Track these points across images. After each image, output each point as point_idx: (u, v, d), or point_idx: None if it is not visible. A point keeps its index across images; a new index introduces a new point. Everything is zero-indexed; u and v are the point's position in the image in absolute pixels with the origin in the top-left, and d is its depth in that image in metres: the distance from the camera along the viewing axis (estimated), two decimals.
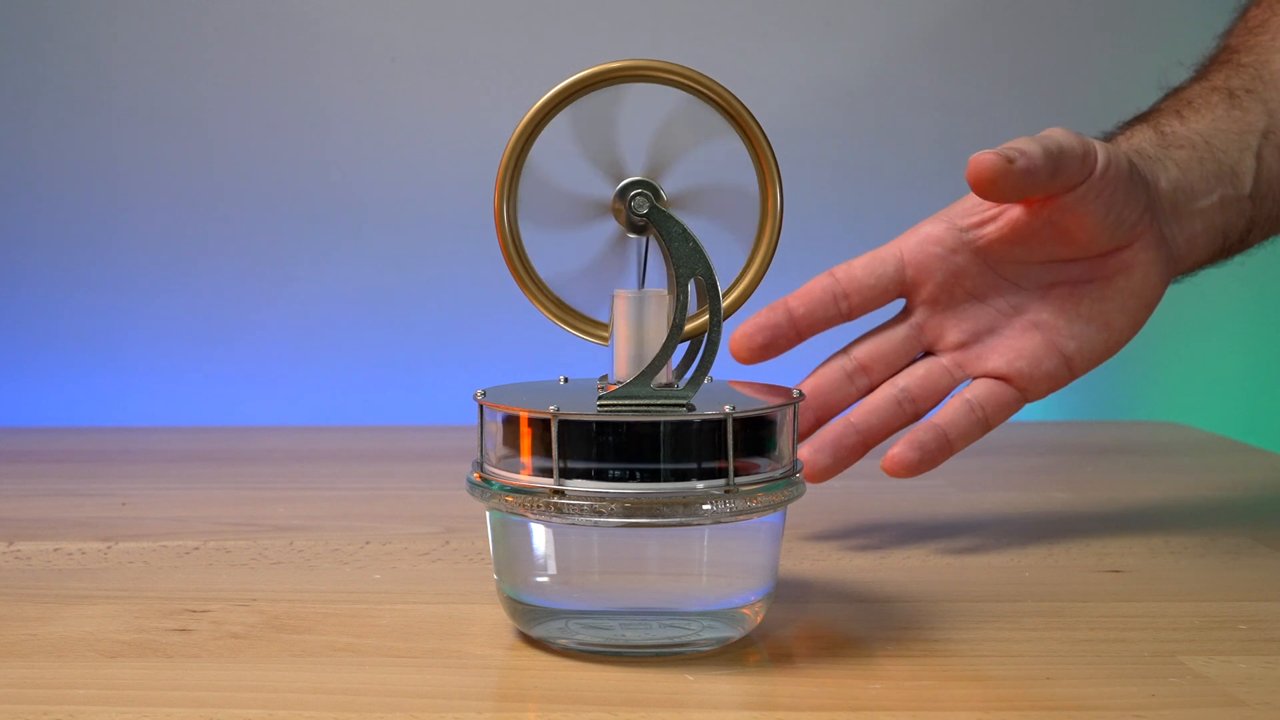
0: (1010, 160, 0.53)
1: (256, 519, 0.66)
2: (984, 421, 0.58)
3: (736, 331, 0.57)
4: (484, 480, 0.45)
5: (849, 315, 0.59)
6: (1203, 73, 0.65)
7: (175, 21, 0.97)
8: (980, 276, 0.59)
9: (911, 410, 0.58)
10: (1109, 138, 0.61)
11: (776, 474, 0.45)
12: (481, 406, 0.45)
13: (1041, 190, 0.55)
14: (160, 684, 0.42)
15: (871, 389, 0.59)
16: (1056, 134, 0.55)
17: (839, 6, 0.99)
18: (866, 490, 0.71)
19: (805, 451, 0.57)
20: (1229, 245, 0.61)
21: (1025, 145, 0.54)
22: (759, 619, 0.46)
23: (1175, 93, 0.64)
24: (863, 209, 1.01)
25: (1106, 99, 1.00)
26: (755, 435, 0.44)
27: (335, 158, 0.98)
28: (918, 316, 0.59)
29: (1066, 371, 0.59)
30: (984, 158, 0.53)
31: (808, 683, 0.43)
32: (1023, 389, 0.58)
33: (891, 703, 0.41)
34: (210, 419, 0.98)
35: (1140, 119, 0.62)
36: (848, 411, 0.59)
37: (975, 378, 0.59)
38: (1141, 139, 0.60)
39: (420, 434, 0.93)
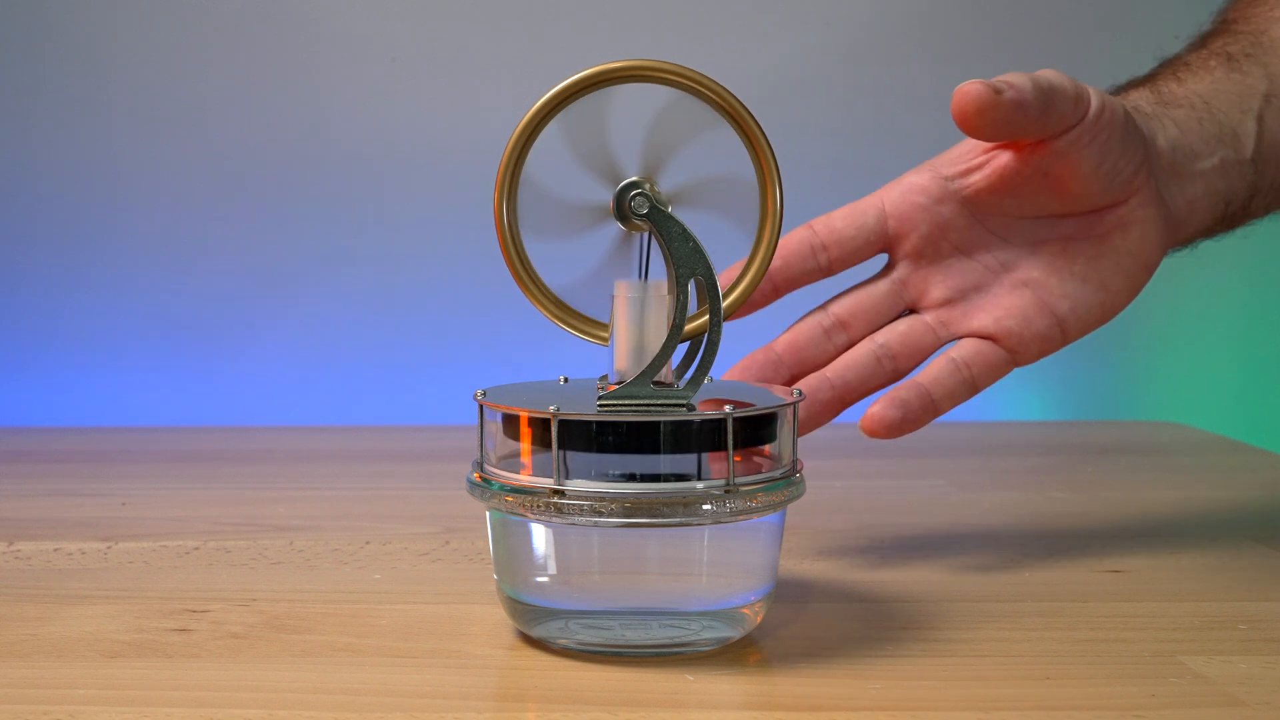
0: (998, 91, 0.51)
1: (256, 519, 0.66)
2: (970, 382, 0.55)
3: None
4: (484, 480, 0.45)
5: (828, 270, 0.56)
6: (1200, 40, 0.63)
7: (175, 21, 0.97)
8: (967, 230, 0.56)
9: (891, 368, 0.55)
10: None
11: (776, 474, 0.45)
12: (481, 406, 0.45)
13: (1032, 130, 0.53)
14: (160, 684, 0.42)
15: (850, 346, 0.56)
16: (1049, 74, 0.53)
17: (839, 6, 0.99)
18: (866, 490, 0.71)
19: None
20: (1231, 213, 0.59)
21: (1015, 78, 0.52)
22: (759, 619, 0.46)
23: (1172, 59, 0.62)
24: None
25: (1104, 73, 1.00)
26: (755, 435, 0.44)
27: (335, 158, 0.98)
28: (900, 271, 0.56)
29: (1059, 333, 0.56)
30: (970, 87, 0.51)
31: (808, 683, 0.43)
32: (1012, 350, 0.55)
33: (891, 703, 0.41)
34: (210, 419, 0.98)
35: (1136, 82, 0.60)
36: (828, 369, 0.55)
37: (961, 337, 0.56)
38: (1138, 98, 0.58)
39: (420, 434, 0.93)
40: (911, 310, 0.57)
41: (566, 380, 0.48)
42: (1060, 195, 0.55)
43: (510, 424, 0.44)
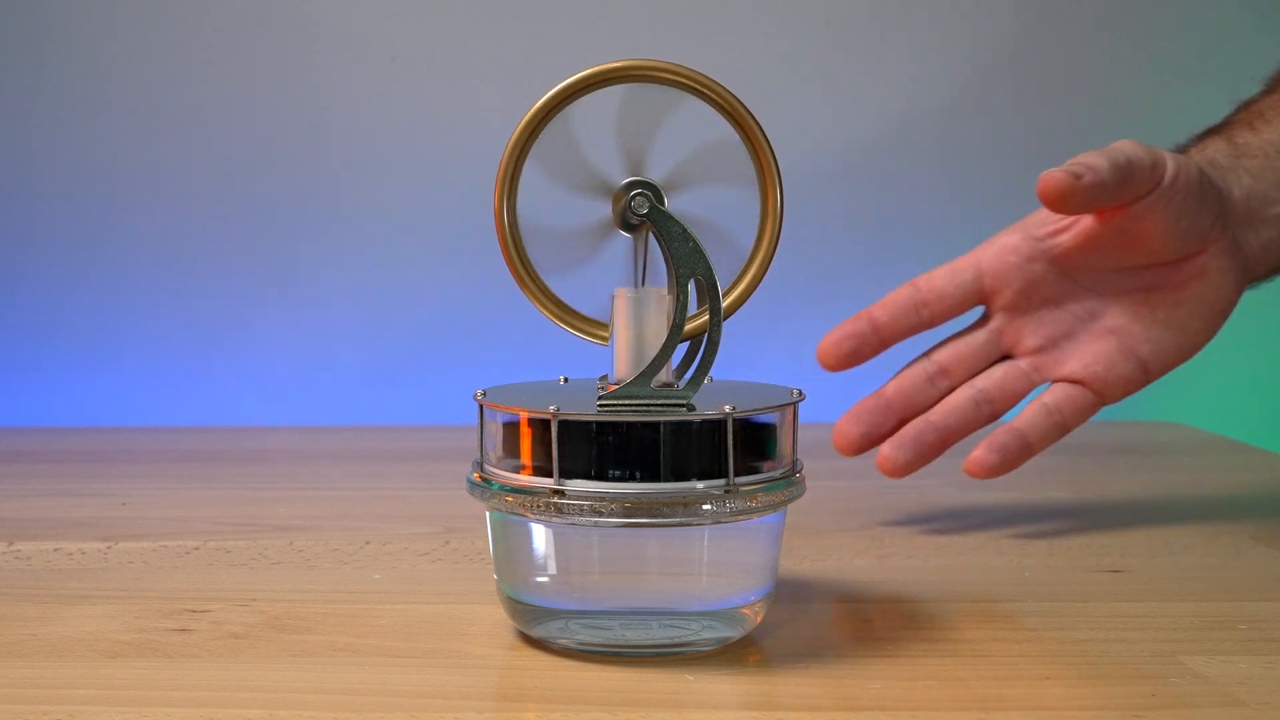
0: (1077, 176, 0.55)
1: (256, 519, 0.66)
2: (1061, 425, 0.60)
3: (823, 340, 0.60)
4: (484, 480, 0.45)
5: (930, 323, 0.61)
6: (1273, 85, 0.66)
7: (175, 21, 0.97)
8: (1056, 283, 0.60)
9: (989, 411, 0.60)
10: (1182, 149, 0.62)
11: (776, 474, 0.45)
12: (481, 406, 0.45)
13: (1111, 201, 0.56)
14: (160, 684, 0.42)
15: (951, 390, 0.61)
16: (1125, 146, 0.57)
17: (838, 6, 0.99)
18: (866, 490, 0.71)
19: (887, 448, 0.59)
20: None
21: (1092, 160, 0.56)
22: (759, 619, 0.46)
23: (1246, 105, 0.65)
24: (862, 208, 1.01)
25: (1110, 84, 1.00)
26: (755, 435, 0.44)
27: (335, 157, 0.98)
28: (996, 322, 0.61)
29: (1142, 374, 0.60)
30: (1053, 176, 0.55)
31: (808, 683, 0.43)
32: (1099, 392, 0.60)
33: (891, 703, 0.41)
34: (210, 419, 0.98)
35: (1213, 131, 0.64)
36: (933, 414, 0.60)
37: (1053, 381, 0.61)
38: (1214, 150, 0.61)
39: (420, 434, 0.93)
40: (1007, 356, 0.61)
41: (566, 380, 0.48)
42: (1141, 250, 0.59)
43: (510, 424, 0.44)
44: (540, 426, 0.43)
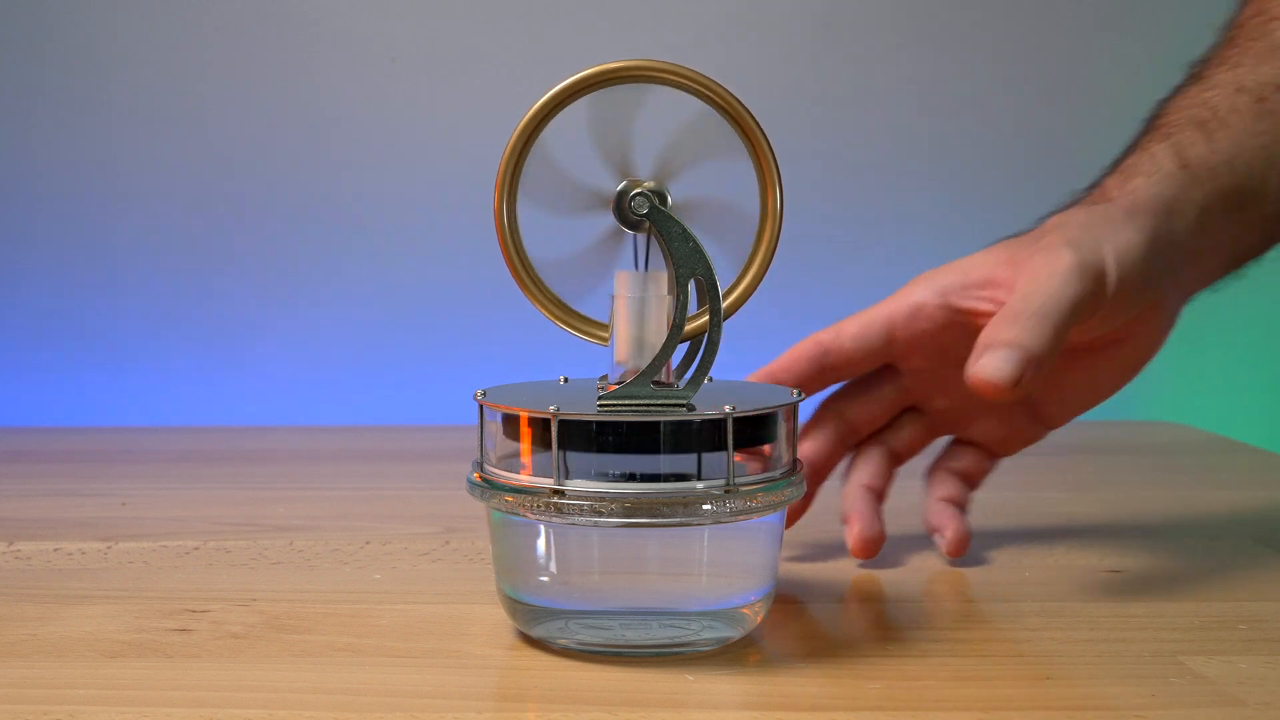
0: (1014, 382, 0.49)
1: (256, 519, 0.66)
2: (969, 483, 0.60)
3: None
4: (484, 480, 0.45)
5: (833, 382, 0.58)
6: (1227, 48, 0.59)
7: (175, 21, 0.97)
8: (969, 349, 0.53)
9: (896, 463, 0.59)
10: (1117, 164, 0.57)
11: (776, 474, 0.45)
12: (481, 406, 0.45)
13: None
14: (160, 684, 0.42)
15: (858, 444, 0.59)
16: (1060, 286, 0.50)
17: (838, 6, 0.99)
18: None
19: (858, 527, 0.56)
20: (1240, 263, 0.58)
21: (1026, 338, 0.49)
22: (759, 619, 0.46)
23: (1198, 83, 0.58)
24: (863, 208, 1.01)
25: (1110, 84, 1.00)
26: (755, 435, 0.44)
27: (335, 157, 0.98)
28: (906, 380, 0.58)
29: (1042, 431, 0.59)
30: (982, 375, 0.49)
31: (808, 683, 0.43)
32: (996, 453, 0.59)
33: (891, 703, 0.41)
34: (210, 419, 0.98)
35: (1158, 132, 0.57)
36: (862, 477, 0.58)
37: (953, 439, 0.60)
38: (1162, 179, 0.55)
39: (420, 434, 0.93)
40: (913, 408, 0.59)
41: (566, 380, 0.48)
42: (1078, 336, 0.54)
43: (510, 424, 0.44)
44: (540, 426, 0.43)
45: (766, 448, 0.45)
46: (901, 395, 0.58)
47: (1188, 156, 0.55)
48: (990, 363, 0.49)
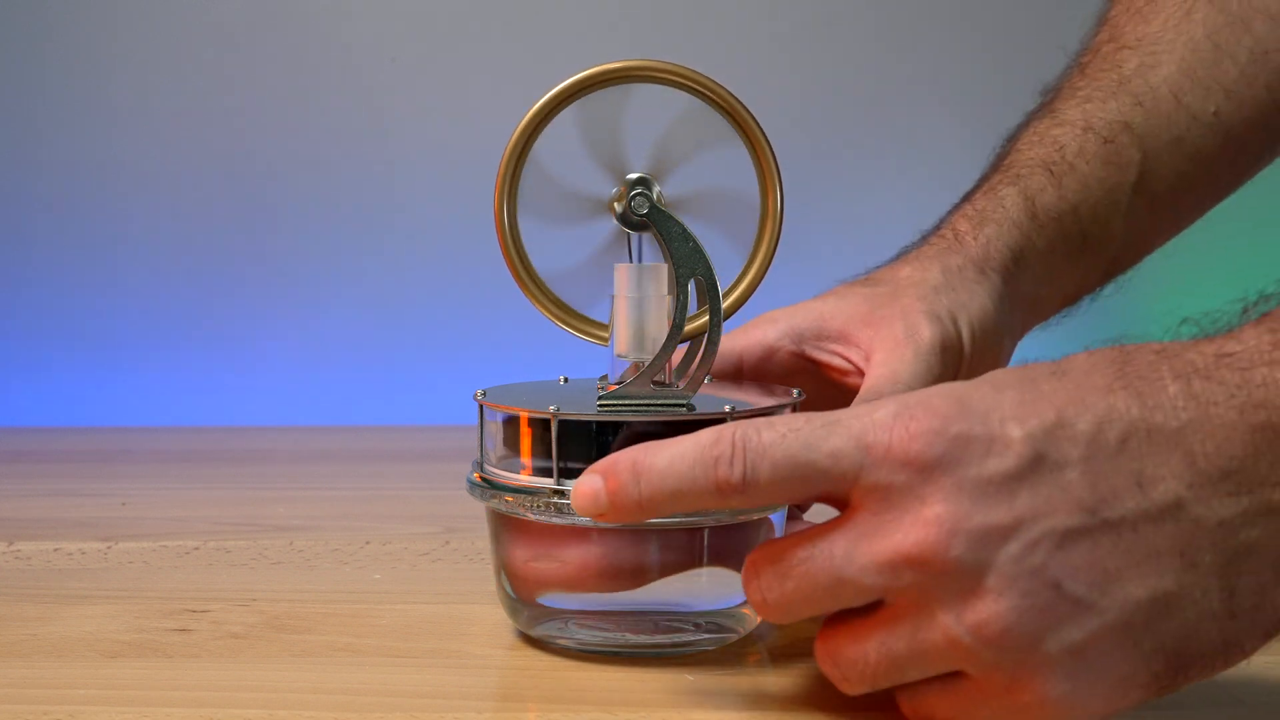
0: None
1: (256, 519, 0.66)
2: None
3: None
4: (484, 480, 0.45)
5: None
6: (1078, 77, 0.58)
7: (175, 22, 0.97)
8: (818, 394, 0.51)
9: None
10: (967, 199, 0.57)
11: None
12: (481, 406, 0.45)
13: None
14: (160, 684, 0.42)
15: None
16: (926, 375, 0.49)
17: (838, 6, 0.99)
18: None
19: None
20: (1076, 300, 0.58)
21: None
22: (759, 619, 0.46)
23: (1049, 117, 0.57)
24: (864, 208, 1.01)
25: None
26: None
27: (335, 158, 0.98)
28: None
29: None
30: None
31: (808, 683, 0.43)
32: None
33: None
34: (210, 419, 0.98)
35: (1008, 173, 0.56)
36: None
37: None
38: (1011, 228, 0.54)
39: (420, 434, 0.93)
40: None
41: (566, 380, 0.48)
42: None
43: (510, 424, 0.44)
44: (540, 426, 0.43)
45: None
46: None
47: (1036, 206, 0.55)
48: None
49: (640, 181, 0.45)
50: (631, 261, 0.46)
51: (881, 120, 1.01)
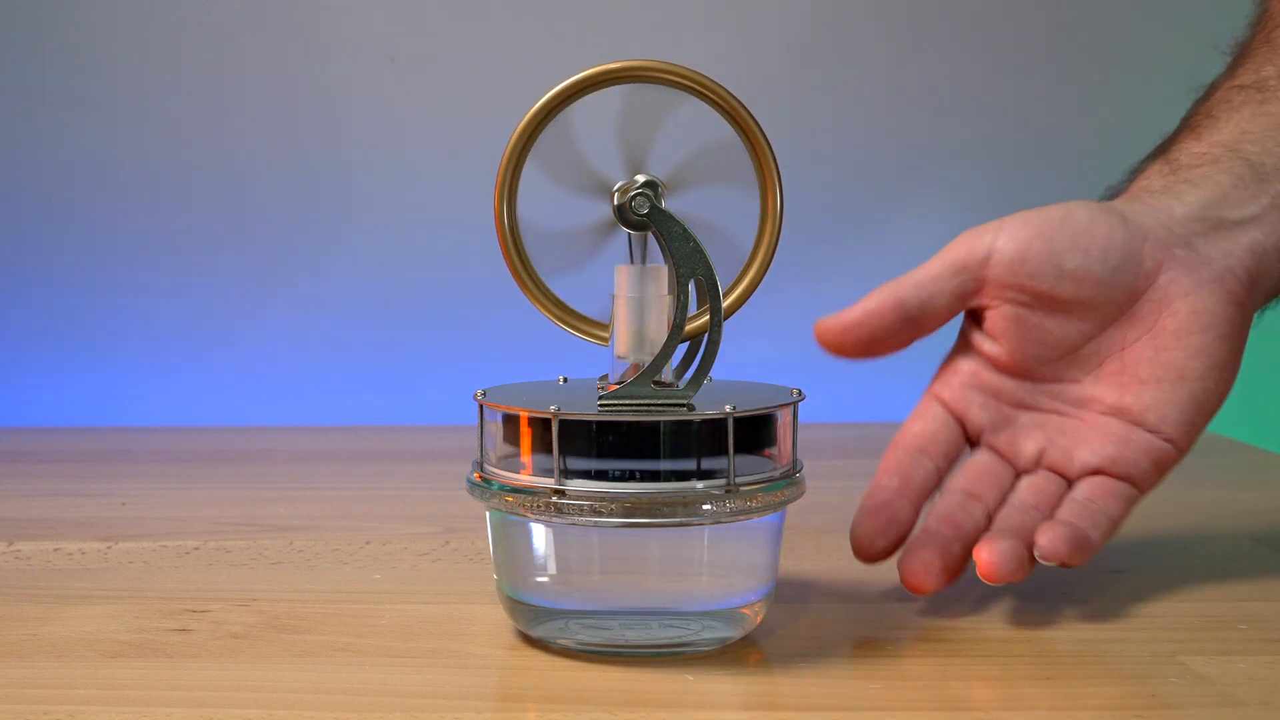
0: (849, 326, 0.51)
1: (256, 519, 0.66)
2: (1103, 512, 0.51)
3: (858, 531, 0.50)
4: (484, 480, 0.45)
5: (940, 474, 0.53)
6: (1231, 68, 0.57)
7: (176, 22, 0.97)
8: (1023, 391, 0.53)
9: (1037, 518, 0.51)
10: (1115, 193, 0.55)
11: (776, 474, 0.45)
12: (481, 406, 0.45)
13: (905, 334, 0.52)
14: (160, 684, 0.42)
15: (989, 515, 0.52)
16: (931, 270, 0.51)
17: (838, 6, 0.99)
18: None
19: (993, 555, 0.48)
20: None
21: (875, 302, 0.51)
22: (759, 619, 0.46)
23: (1194, 112, 0.57)
24: (864, 208, 1.01)
25: (1112, 84, 1.00)
26: (756, 435, 0.44)
27: (335, 158, 0.98)
28: (987, 448, 0.53)
29: (1164, 443, 0.52)
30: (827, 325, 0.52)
31: (808, 683, 0.43)
32: (1125, 477, 0.52)
33: (891, 703, 0.41)
34: (210, 419, 0.98)
35: (1154, 154, 0.56)
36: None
37: (1078, 479, 0.52)
38: (1148, 180, 0.54)
39: (420, 434, 0.93)
40: (1023, 472, 0.54)
41: (566, 380, 0.48)
42: (1076, 319, 0.52)
43: (510, 424, 0.44)
44: (540, 426, 0.43)
45: (767, 448, 0.45)
46: (996, 460, 0.53)
47: (1175, 159, 0.55)
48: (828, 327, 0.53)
49: (645, 184, 0.45)
50: (632, 261, 0.46)
51: (882, 119, 1.01)
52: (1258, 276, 0.52)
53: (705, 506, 0.42)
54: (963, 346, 0.54)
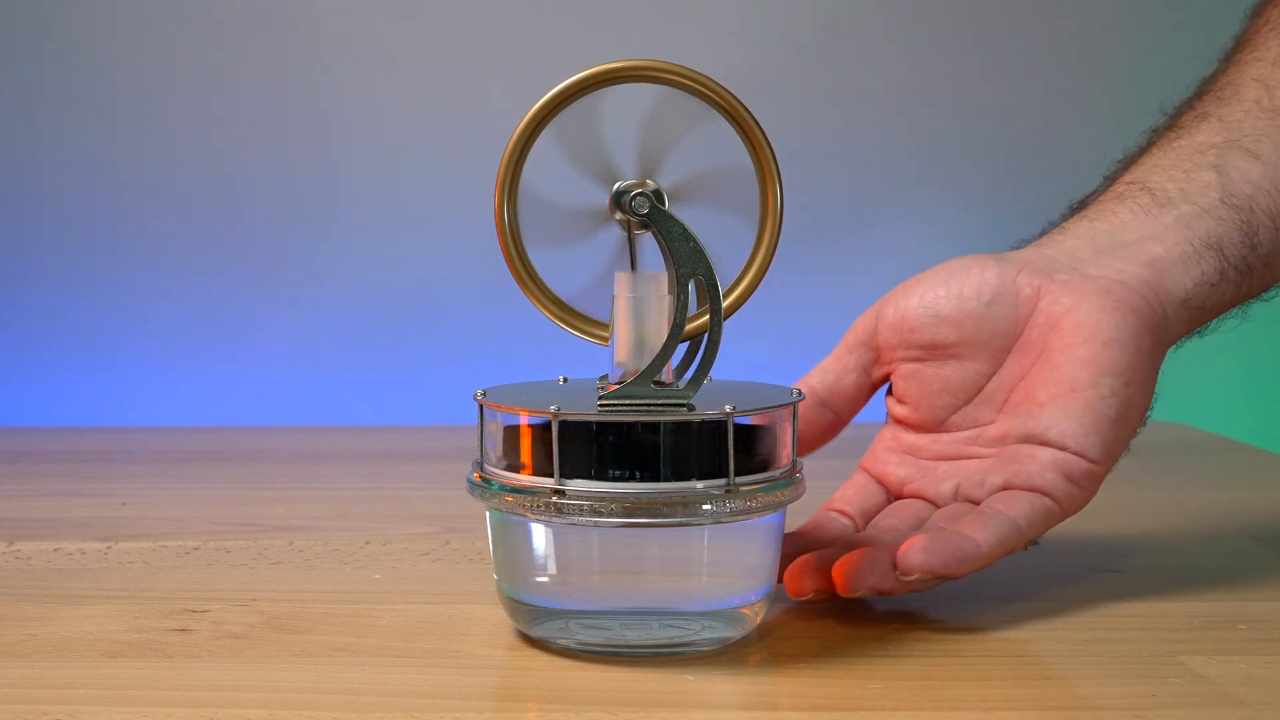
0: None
1: (256, 519, 0.66)
2: (1003, 516, 0.50)
3: (789, 578, 0.48)
4: (484, 480, 0.45)
5: (856, 528, 0.54)
6: (1153, 134, 0.58)
7: (176, 22, 0.97)
8: (939, 445, 0.54)
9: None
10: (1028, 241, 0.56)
11: (776, 474, 0.45)
12: (481, 406, 0.45)
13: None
14: (160, 684, 0.42)
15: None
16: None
17: (838, 7, 0.99)
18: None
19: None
20: (1235, 262, 0.53)
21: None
22: (759, 619, 0.46)
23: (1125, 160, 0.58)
24: (864, 208, 1.01)
25: (1113, 85, 1.00)
26: (755, 435, 0.44)
27: (335, 158, 0.98)
28: (909, 496, 0.54)
29: (1071, 457, 0.51)
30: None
31: (808, 683, 0.43)
32: (1031, 489, 0.50)
33: (891, 703, 0.41)
34: (210, 419, 0.98)
35: (1073, 208, 0.57)
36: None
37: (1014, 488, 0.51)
38: (1058, 228, 0.55)
39: (420, 434, 0.93)
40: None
41: (566, 380, 0.48)
42: (970, 361, 0.53)
43: (510, 424, 0.44)
44: (540, 426, 0.43)
45: (767, 448, 0.45)
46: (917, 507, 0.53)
47: (1078, 210, 0.57)
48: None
49: (640, 182, 0.45)
50: (632, 259, 0.46)
51: (882, 119, 1.01)
52: (1159, 288, 0.52)
53: (705, 506, 0.42)
54: (886, 417, 0.56)
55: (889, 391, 0.56)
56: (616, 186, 0.45)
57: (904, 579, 0.46)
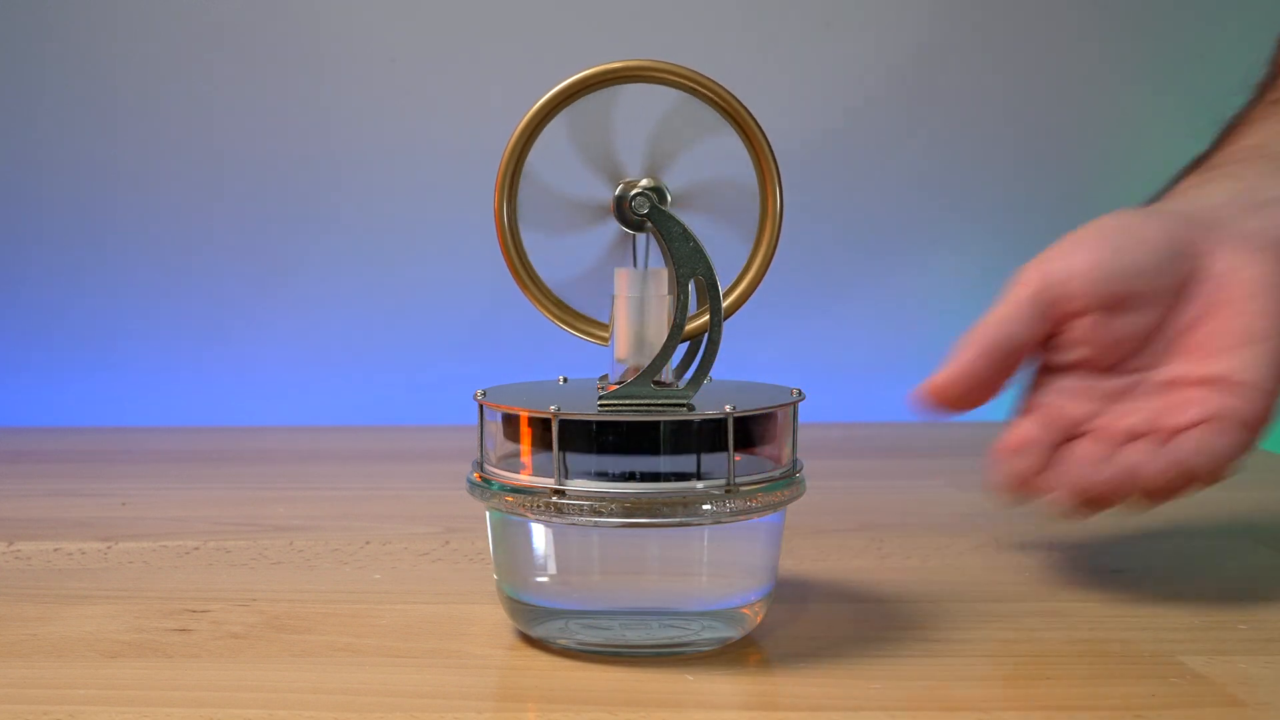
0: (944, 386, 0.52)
1: (256, 519, 0.66)
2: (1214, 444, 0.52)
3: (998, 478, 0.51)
4: (484, 480, 0.45)
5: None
6: (1256, 94, 0.61)
7: (176, 21, 0.97)
8: (1109, 384, 0.54)
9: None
10: (1155, 200, 0.58)
11: (776, 474, 0.45)
12: (481, 406, 0.45)
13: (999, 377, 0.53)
14: (160, 684, 0.42)
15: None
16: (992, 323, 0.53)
17: (838, 6, 0.99)
18: (866, 490, 0.71)
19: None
20: None
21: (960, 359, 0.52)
22: (759, 619, 0.46)
23: (1228, 123, 0.61)
24: (864, 207, 1.01)
25: (1112, 88, 1.00)
26: (756, 435, 0.44)
27: (335, 157, 0.98)
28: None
29: (1259, 397, 0.52)
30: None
31: (808, 683, 0.43)
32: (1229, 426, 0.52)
33: (891, 703, 0.41)
34: (210, 419, 0.98)
35: (1188, 167, 0.60)
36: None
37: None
38: (1183, 184, 0.58)
39: (420, 434, 0.93)
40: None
41: (566, 380, 0.48)
42: (1144, 312, 0.53)
43: (510, 424, 0.44)
44: (540, 426, 0.43)
45: (767, 448, 0.45)
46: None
47: (1209, 163, 0.58)
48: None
49: (652, 187, 0.45)
50: (632, 259, 0.46)
51: (882, 119, 1.01)
52: None
53: (705, 506, 0.42)
54: (1041, 370, 0.55)
55: (1053, 341, 0.55)
56: (619, 188, 0.45)
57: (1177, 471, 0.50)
